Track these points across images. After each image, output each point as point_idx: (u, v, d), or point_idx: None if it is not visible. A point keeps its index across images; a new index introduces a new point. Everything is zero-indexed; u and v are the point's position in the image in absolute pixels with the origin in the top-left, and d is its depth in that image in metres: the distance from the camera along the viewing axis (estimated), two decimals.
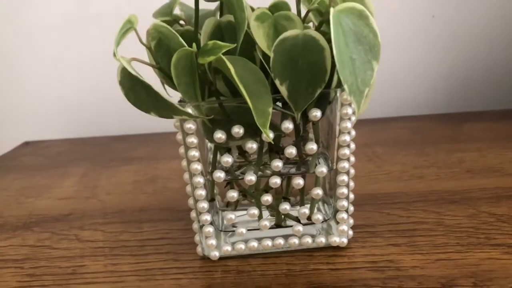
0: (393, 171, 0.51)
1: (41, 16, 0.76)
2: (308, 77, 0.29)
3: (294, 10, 0.33)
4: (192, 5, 0.39)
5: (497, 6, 0.75)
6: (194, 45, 0.30)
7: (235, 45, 0.29)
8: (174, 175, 0.54)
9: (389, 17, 0.74)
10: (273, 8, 0.34)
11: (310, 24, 0.34)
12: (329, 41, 0.29)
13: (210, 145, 0.36)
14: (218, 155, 0.35)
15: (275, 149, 0.35)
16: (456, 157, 0.54)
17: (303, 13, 0.33)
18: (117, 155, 0.65)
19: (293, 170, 0.35)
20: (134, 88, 0.30)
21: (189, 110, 0.30)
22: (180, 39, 0.30)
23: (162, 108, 0.30)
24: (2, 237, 0.42)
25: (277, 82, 0.30)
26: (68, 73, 0.79)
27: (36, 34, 0.77)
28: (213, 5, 0.39)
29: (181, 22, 0.37)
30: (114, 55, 0.29)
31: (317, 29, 0.30)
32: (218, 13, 0.37)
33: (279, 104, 0.33)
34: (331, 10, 0.27)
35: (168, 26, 0.31)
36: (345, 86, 0.27)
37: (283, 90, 0.30)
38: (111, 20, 0.76)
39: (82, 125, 0.81)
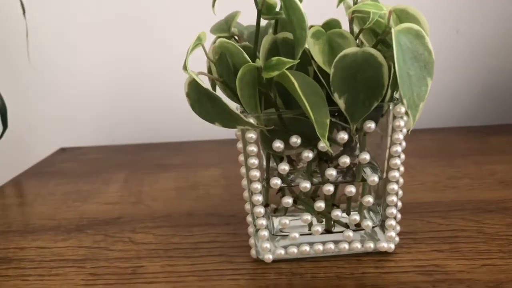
0: (427, 181, 0.53)
1: (79, 26, 0.79)
2: (366, 91, 0.31)
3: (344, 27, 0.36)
4: (241, 22, 0.42)
5: None
6: (257, 60, 0.32)
7: (298, 61, 0.31)
8: (214, 181, 0.57)
9: None
10: (326, 26, 0.36)
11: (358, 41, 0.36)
12: (384, 58, 0.32)
13: (263, 153, 0.38)
14: (271, 162, 0.38)
15: (325, 158, 0.37)
16: (487, 169, 0.55)
17: (355, 31, 0.35)
18: (153, 163, 0.67)
19: (340, 178, 0.37)
20: (200, 100, 0.33)
21: (251, 120, 0.33)
22: (245, 55, 0.32)
23: (226, 118, 0.32)
24: (59, 238, 0.44)
25: (335, 95, 0.32)
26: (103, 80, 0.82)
27: (74, 42, 0.80)
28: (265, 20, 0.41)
29: (235, 37, 0.39)
30: (185, 68, 0.32)
31: (374, 46, 0.32)
32: (271, 29, 0.39)
33: None
34: (392, 30, 0.29)
35: (234, 43, 0.33)
36: (404, 100, 0.29)
37: (341, 103, 0.32)
38: (149, 29, 0.79)
39: (113, 133, 0.84)
